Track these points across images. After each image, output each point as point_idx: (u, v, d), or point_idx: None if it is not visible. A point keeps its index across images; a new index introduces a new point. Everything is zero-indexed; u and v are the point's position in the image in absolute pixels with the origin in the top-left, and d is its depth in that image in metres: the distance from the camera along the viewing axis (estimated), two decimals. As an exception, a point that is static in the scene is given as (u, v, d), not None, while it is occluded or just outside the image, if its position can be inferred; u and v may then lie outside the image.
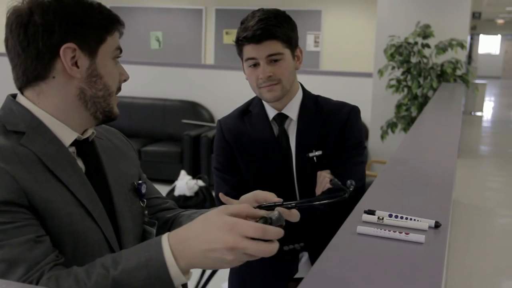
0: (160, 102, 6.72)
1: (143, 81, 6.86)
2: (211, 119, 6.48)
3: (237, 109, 1.89)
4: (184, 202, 5.15)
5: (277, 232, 0.94)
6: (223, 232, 0.92)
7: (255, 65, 1.72)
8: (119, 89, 1.22)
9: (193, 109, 6.59)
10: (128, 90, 6.87)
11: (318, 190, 1.73)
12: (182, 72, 6.88)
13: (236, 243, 0.91)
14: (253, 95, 1.89)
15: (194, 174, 5.76)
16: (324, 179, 1.73)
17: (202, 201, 5.17)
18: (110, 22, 1.17)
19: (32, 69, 1.11)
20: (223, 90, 6.50)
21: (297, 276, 1.81)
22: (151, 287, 0.95)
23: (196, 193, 5.22)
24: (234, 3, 9.90)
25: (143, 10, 10.45)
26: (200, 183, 5.31)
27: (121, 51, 1.21)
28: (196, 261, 0.95)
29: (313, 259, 1.79)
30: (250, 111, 1.86)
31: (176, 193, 5.20)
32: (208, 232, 0.94)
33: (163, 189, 5.46)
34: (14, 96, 1.17)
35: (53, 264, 0.99)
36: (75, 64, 1.12)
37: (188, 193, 5.18)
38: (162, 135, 6.58)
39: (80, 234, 1.08)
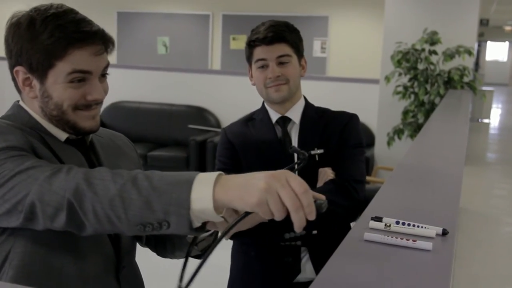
0: (167, 107, 6.74)
1: (150, 86, 6.88)
2: (217, 125, 6.48)
3: (242, 118, 1.98)
4: None
5: (312, 205, 0.93)
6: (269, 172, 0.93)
7: (264, 66, 1.79)
8: (86, 106, 1.20)
9: (200, 114, 6.60)
10: (135, 95, 6.91)
11: (320, 184, 1.76)
12: (188, 77, 6.90)
13: (279, 175, 0.91)
14: (258, 101, 1.91)
15: (200, 179, 5.76)
16: (325, 174, 1.77)
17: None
18: (59, 47, 1.14)
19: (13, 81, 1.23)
20: (230, 96, 6.51)
21: (299, 277, 1.82)
22: (169, 194, 0.93)
23: (202, 198, 5.21)
24: (241, 9, 9.92)
25: (150, 15, 10.48)
26: (206, 188, 5.31)
27: (85, 72, 1.17)
28: (232, 191, 0.92)
29: (313, 258, 1.81)
30: (254, 118, 1.92)
31: (182, 198, 5.20)
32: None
33: (169, 194, 5.46)
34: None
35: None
36: (30, 85, 1.19)
37: (194, 198, 5.18)
38: (168, 140, 6.59)
39: None
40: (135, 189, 0.95)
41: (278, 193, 0.90)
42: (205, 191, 0.93)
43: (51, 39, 1.13)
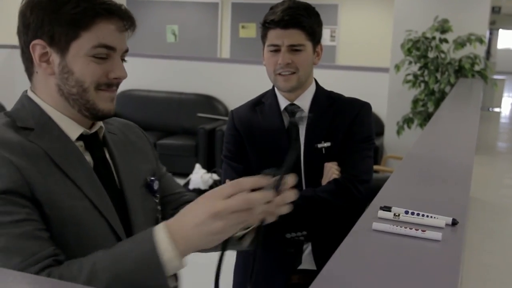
0: (176, 95, 6.74)
1: (159, 75, 6.87)
2: (226, 113, 6.47)
3: (251, 100, 1.92)
4: (199, 195, 5.16)
5: (253, 180, 0.95)
6: (204, 202, 0.96)
7: (276, 51, 1.74)
8: (108, 85, 1.15)
9: (208, 102, 6.59)
10: (144, 83, 6.90)
11: (324, 181, 1.74)
12: (197, 65, 6.89)
13: (216, 206, 0.93)
14: (267, 88, 1.89)
15: (209, 168, 5.77)
16: (330, 170, 1.74)
17: (216, 194, 5.18)
18: (86, 17, 1.10)
19: (23, 63, 1.17)
20: (239, 84, 6.49)
21: (299, 267, 1.82)
22: (139, 272, 0.93)
23: (211, 186, 5.23)
24: (250, -3, 9.87)
25: (160, 3, 10.46)
26: (215, 176, 5.32)
27: (110, 48, 1.13)
28: (193, 240, 0.95)
29: (315, 251, 1.80)
30: (263, 102, 1.88)
31: (191, 186, 5.21)
32: (195, 208, 0.96)
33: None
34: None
35: (53, 259, 0.98)
36: (48, 60, 1.12)
37: (203, 186, 5.19)
38: (177, 128, 6.60)
39: (83, 226, 1.08)
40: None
41: (235, 212, 0.93)
42: (174, 262, 0.94)
43: (77, 8, 1.09)
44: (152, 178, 1.30)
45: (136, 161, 1.29)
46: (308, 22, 1.72)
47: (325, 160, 1.76)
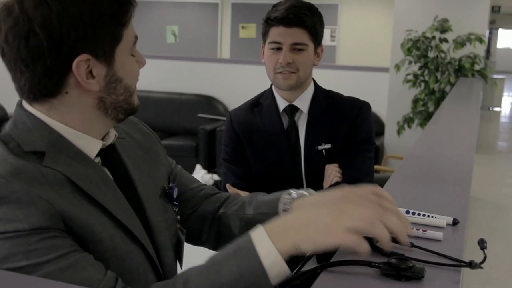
0: (176, 96, 6.74)
1: (159, 75, 6.87)
2: (227, 114, 6.48)
3: (248, 101, 1.91)
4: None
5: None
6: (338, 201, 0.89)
7: (278, 49, 1.73)
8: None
9: (209, 103, 6.60)
10: (144, 84, 6.89)
11: (326, 184, 1.73)
12: (198, 66, 6.89)
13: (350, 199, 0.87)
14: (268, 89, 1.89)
15: (209, 168, 5.77)
16: (332, 173, 1.73)
17: (217, 195, 5.19)
18: (125, 11, 0.94)
19: (41, 87, 0.93)
20: (239, 84, 6.50)
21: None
22: (242, 282, 0.81)
23: (211, 187, 5.23)
24: (250, -3, 9.87)
25: (159, 4, 10.46)
26: (215, 177, 5.32)
27: (137, 38, 1.01)
28: (296, 236, 0.83)
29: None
30: (261, 103, 1.86)
31: (192, 187, 5.22)
32: (318, 204, 0.89)
33: (178, 183, 5.49)
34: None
35: (121, 280, 0.87)
36: (90, 74, 0.93)
37: (203, 187, 5.20)
38: (177, 129, 6.60)
39: (124, 259, 0.94)
40: None
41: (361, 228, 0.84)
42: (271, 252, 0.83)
43: (115, 4, 0.92)
44: (170, 185, 1.17)
45: (149, 168, 1.13)
46: (311, 22, 1.71)
47: (325, 162, 1.76)
